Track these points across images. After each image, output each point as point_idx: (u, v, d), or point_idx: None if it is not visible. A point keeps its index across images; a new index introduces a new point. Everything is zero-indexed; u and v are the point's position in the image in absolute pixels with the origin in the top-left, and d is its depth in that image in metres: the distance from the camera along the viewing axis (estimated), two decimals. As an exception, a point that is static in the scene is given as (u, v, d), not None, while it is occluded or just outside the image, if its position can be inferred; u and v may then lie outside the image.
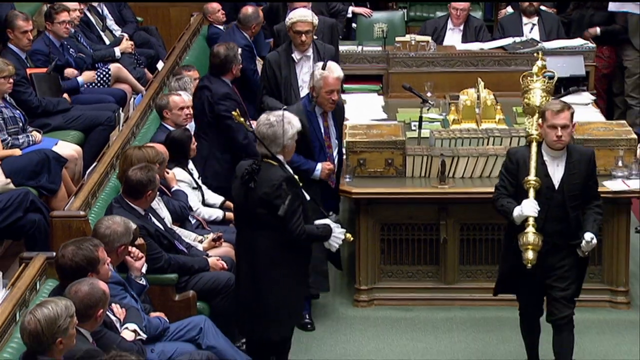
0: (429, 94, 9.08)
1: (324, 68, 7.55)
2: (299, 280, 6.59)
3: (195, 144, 8.18)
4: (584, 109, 9.18)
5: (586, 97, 9.58)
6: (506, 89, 9.51)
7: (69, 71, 9.65)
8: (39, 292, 6.15)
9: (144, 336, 6.00)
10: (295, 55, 8.64)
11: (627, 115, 10.84)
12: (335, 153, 7.74)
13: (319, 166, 7.59)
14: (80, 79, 9.65)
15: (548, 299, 6.67)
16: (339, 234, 6.57)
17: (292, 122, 6.52)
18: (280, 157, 6.47)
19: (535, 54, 7.32)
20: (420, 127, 8.36)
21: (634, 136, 8.26)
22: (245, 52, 9.41)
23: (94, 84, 9.90)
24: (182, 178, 7.95)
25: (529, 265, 6.41)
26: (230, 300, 6.99)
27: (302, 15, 8.57)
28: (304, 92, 8.38)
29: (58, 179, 7.95)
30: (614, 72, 11.39)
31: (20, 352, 5.33)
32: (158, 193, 7.24)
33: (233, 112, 7.17)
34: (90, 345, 5.45)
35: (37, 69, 9.18)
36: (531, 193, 6.46)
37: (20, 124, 8.33)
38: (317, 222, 6.55)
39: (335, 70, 7.60)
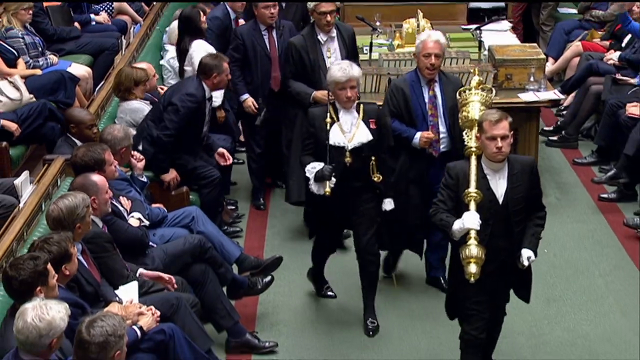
0: (377, 23, 9.06)
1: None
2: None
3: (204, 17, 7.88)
4: (503, 35, 9.27)
5: (505, 24, 9.63)
6: (441, 19, 9.50)
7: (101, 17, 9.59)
8: (59, 188, 6.23)
9: (146, 223, 6.11)
10: (321, 37, 7.37)
11: (541, 40, 10.88)
12: (442, 123, 6.48)
13: (418, 135, 6.43)
14: (94, 16, 9.56)
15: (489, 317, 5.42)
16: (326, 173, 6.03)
17: (331, 73, 6.10)
18: (333, 99, 6.15)
19: (471, 71, 6.43)
20: (370, 50, 8.34)
21: (543, 56, 8.38)
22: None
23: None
24: (206, 48, 7.65)
25: (472, 279, 5.11)
26: (216, 193, 7.12)
27: None
28: None
29: (72, 94, 7.98)
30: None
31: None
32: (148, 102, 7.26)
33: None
34: (101, 229, 5.56)
35: (51, 2, 9.13)
36: (472, 206, 5.17)
37: (40, 49, 8.32)
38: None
39: (434, 34, 6.45)
